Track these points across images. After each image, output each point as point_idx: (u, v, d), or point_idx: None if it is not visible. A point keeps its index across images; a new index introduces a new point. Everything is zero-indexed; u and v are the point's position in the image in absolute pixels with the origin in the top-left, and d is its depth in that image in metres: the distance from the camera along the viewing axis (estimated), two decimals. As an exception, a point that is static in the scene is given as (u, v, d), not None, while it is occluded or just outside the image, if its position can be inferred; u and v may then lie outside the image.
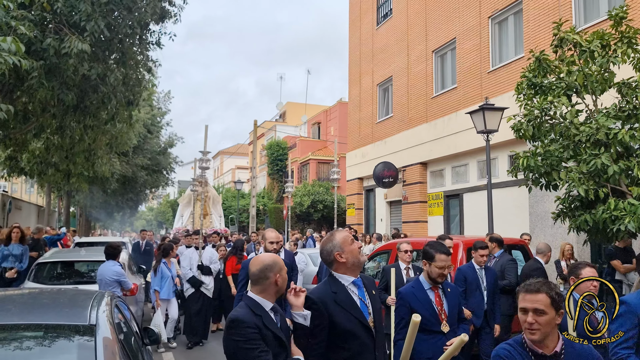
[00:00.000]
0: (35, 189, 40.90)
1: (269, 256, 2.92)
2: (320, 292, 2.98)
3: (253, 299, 2.77)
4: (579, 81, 6.77)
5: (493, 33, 13.83)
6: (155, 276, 8.72)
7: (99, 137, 11.48)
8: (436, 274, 3.95)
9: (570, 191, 6.94)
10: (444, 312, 3.96)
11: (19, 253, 9.43)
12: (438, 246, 4.01)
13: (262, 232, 5.79)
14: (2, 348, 2.79)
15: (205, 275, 9.14)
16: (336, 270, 3.04)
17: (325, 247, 3.07)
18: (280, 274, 2.83)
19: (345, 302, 2.95)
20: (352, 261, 3.02)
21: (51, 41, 7.86)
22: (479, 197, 13.71)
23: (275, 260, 2.86)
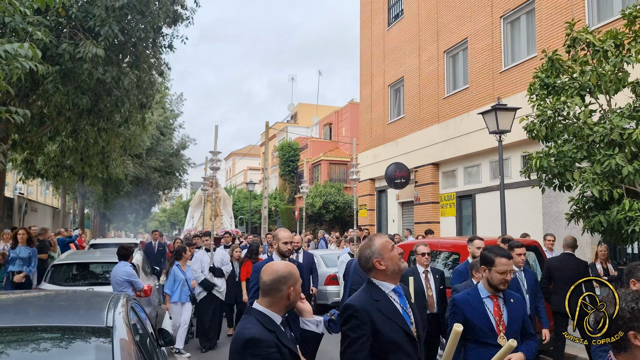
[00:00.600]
0: (50, 191, 41.39)
1: (284, 266, 2.66)
2: (361, 300, 2.76)
3: (263, 313, 2.55)
4: (592, 81, 6.71)
5: (505, 33, 13.75)
6: (168, 279, 8.62)
7: (113, 139, 11.60)
8: (498, 280, 3.54)
9: (584, 192, 6.89)
10: (502, 324, 3.55)
11: (27, 256, 9.16)
12: (497, 249, 3.67)
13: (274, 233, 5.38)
14: (21, 350, 2.85)
15: (217, 277, 8.97)
16: (375, 277, 2.85)
17: (363, 253, 2.87)
18: (294, 287, 2.60)
19: (389, 311, 2.76)
20: (392, 268, 2.84)
21: (66, 46, 7.97)
22: (491, 198, 13.63)
23: (290, 272, 2.62)
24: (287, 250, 5.02)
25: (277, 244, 5.05)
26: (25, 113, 5.75)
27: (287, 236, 5.05)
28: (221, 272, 9.04)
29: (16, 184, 33.55)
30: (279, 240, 5.04)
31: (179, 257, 8.71)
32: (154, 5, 9.10)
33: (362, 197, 21.52)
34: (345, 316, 2.71)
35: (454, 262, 8.16)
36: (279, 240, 5.03)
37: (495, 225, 12.05)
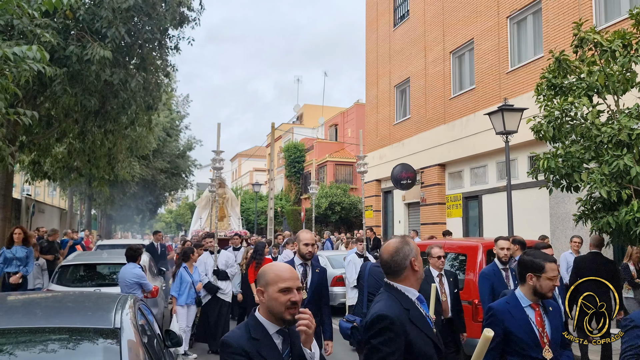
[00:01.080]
0: (57, 193, 41.62)
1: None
2: (395, 310, 2.47)
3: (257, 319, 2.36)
4: (600, 81, 6.68)
5: (512, 33, 13.70)
6: (174, 281, 8.38)
7: (119, 141, 11.65)
8: (548, 287, 3.27)
9: (592, 193, 6.85)
10: (545, 335, 3.28)
11: (23, 256, 8.88)
12: (541, 254, 3.41)
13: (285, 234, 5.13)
14: (29, 351, 2.86)
15: (221, 280, 8.76)
16: (403, 281, 2.58)
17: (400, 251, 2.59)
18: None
19: (420, 322, 2.53)
20: (421, 273, 2.64)
21: (74, 48, 8.02)
22: (498, 199, 13.58)
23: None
24: (308, 253, 4.76)
25: (298, 245, 4.80)
26: (33, 115, 5.79)
27: (308, 238, 4.79)
28: (225, 274, 8.86)
29: (24, 185, 33.75)
30: (300, 242, 4.79)
31: (187, 258, 8.50)
32: (160, 7, 9.13)
33: (368, 198, 21.50)
34: (379, 328, 2.43)
35: (461, 263, 8.13)
36: (300, 242, 4.77)
37: (501, 227, 11.99)
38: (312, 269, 4.86)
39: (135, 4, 8.28)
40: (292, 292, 2.30)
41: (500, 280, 5.72)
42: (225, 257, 9.20)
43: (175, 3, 9.26)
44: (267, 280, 2.35)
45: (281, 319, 2.31)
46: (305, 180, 35.73)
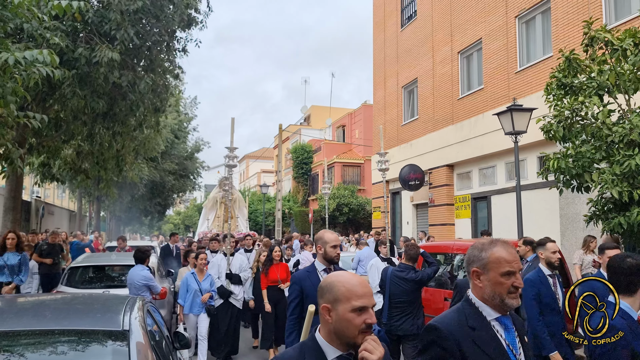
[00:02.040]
0: (66, 194, 41.88)
1: (355, 279, 1.96)
2: (451, 324, 2.11)
3: (316, 342, 1.94)
4: (610, 80, 6.61)
5: (520, 33, 13.62)
6: (181, 288, 7.84)
7: (128, 143, 11.69)
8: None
9: (603, 193, 6.78)
10: None
11: (16, 263, 8.07)
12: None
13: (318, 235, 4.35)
14: (38, 353, 2.86)
15: (234, 284, 8.28)
16: (474, 292, 2.19)
17: (471, 253, 2.24)
18: (336, 308, 1.90)
19: (489, 346, 2.07)
20: (490, 294, 2.13)
21: (82, 50, 8.06)
22: (507, 200, 13.50)
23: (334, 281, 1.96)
24: (336, 256, 4.15)
25: (324, 248, 4.14)
26: (42, 118, 5.81)
27: (335, 239, 4.17)
28: (239, 278, 8.40)
29: (33, 187, 34.02)
30: (325, 244, 4.13)
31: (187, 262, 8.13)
32: (168, 9, 9.16)
33: (376, 199, 21.45)
34: (427, 341, 2.12)
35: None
36: (326, 244, 4.12)
37: (511, 227, 11.91)
38: None
39: (143, 6, 8.31)
40: (367, 312, 1.88)
41: (548, 287, 5.02)
42: (240, 261, 8.73)
43: (182, 5, 9.28)
44: (336, 296, 1.91)
45: (352, 344, 1.87)
46: (312, 182, 35.73)
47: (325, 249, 4.12)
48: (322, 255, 4.16)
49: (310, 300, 3.61)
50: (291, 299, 4.05)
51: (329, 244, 4.12)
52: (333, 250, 4.13)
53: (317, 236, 4.23)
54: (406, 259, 6.39)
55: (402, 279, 6.18)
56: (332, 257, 4.14)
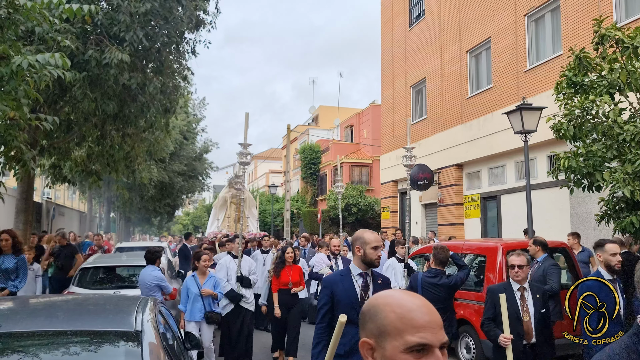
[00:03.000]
0: (77, 196, 42.20)
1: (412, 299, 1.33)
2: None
3: None
4: (622, 79, 6.56)
5: (529, 31, 13.55)
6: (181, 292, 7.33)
7: (138, 144, 11.75)
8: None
9: (614, 192, 6.72)
10: None
11: (11, 267, 7.34)
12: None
13: (357, 235, 3.84)
14: (51, 354, 2.89)
15: (245, 287, 7.81)
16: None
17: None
18: None
19: None
20: None
21: (92, 52, 8.12)
22: (517, 199, 13.43)
23: None
24: (377, 259, 3.68)
25: (363, 249, 3.65)
26: (54, 120, 5.87)
27: (376, 239, 3.70)
28: (249, 282, 7.93)
29: (44, 189, 34.30)
30: (365, 245, 3.65)
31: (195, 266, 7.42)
32: (177, 10, 9.20)
33: (385, 199, 21.42)
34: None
35: (479, 265, 8.05)
36: (367, 245, 3.64)
37: (521, 227, 11.86)
38: (373, 280, 3.73)
39: (152, 8, 8.36)
40: (432, 355, 1.23)
41: (607, 293, 4.39)
42: (249, 263, 8.23)
43: (191, 7, 9.32)
44: (382, 327, 1.28)
45: None
46: (321, 182, 35.74)
47: (365, 251, 3.66)
48: (361, 258, 3.70)
49: (342, 308, 3.50)
50: (320, 305, 3.70)
51: (369, 244, 3.66)
52: (374, 252, 3.66)
53: (356, 236, 3.79)
54: (436, 263, 5.97)
55: (434, 285, 5.79)
56: (373, 260, 3.68)
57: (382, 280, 3.80)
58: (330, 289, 3.68)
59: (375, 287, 3.67)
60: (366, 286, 3.66)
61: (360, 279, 3.68)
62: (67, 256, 10.26)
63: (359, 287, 3.64)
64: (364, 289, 3.65)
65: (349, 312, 2.38)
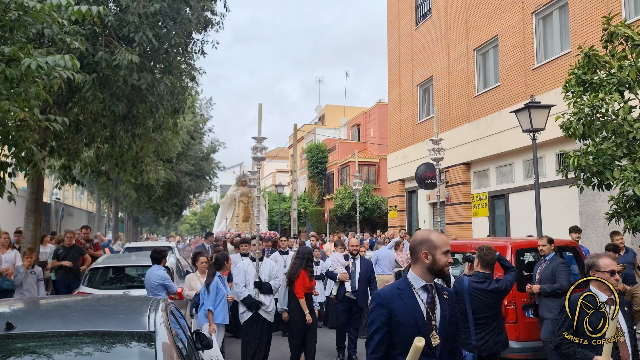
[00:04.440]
0: (85, 196, 42.42)
1: None
2: None
3: None
4: (631, 76, 6.53)
5: (537, 29, 13.48)
6: (209, 293, 6.81)
7: (146, 145, 11.80)
8: None
9: (624, 191, 6.69)
10: None
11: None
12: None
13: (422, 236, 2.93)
14: (65, 354, 2.91)
15: (264, 294, 7.20)
16: None
17: None
18: None
19: None
20: None
21: (102, 54, 8.16)
22: (525, 197, 13.38)
23: None
24: (448, 267, 2.91)
25: (431, 255, 2.84)
26: (63, 121, 5.91)
27: (446, 242, 2.90)
28: (269, 287, 7.28)
29: (53, 189, 34.53)
30: (434, 249, 2.84)
31: (220, 267, 7.13)
32: (185, 11, 9.23)
33: (392, 198, 21.39)
34: None
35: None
36: (436, 249, 2.84)
37: (529, 226, 11.82)
38: (439, 294, 2.92)
39: (161, 9, 8.39)
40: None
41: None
42: (269, 266, 7.56)
43: (199, 7, 9.35)
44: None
45: None
46: (328, 181, 35.74)
47: (435, 257, 2.83)
48: (428, 266, 2.84)
49: (404, 331, 2.71)
50: (373, 329, 2.80)
51: (439, 248, 2.84)
52: (445, 259, 2.84)
53: (420, 238, 2.92)
54: (482, 266, 5.41)
55: (483, 291, 5.26)
56: (444, 269, 2.86)
57: (447, 293, 2.98)
58: (388, 307, 2.80)
59: (443, 306, 2.88)
60: (433, 303, 2.85)
61: (424, 294, 2.86)
62: (73, 258, 9.88)
63: (424, 305, 2.82)
64: (431, 307, 2.83)
65: (412, 334, 2.21)
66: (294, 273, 7.21)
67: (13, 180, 6.53)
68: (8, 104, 5.17)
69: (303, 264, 7.22)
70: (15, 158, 6.05)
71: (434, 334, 2.76)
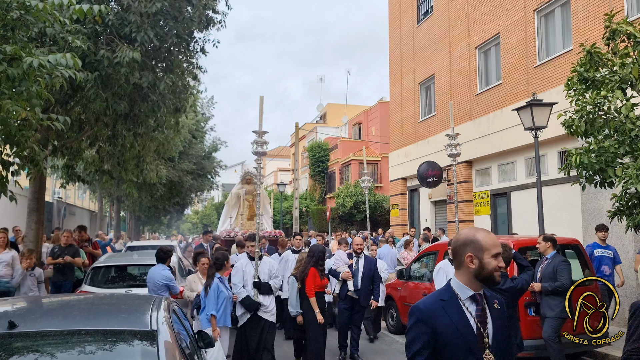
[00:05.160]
0: (87, 195, 42.48)
1: None
2: None
3: None
4: (634, 74, 6.51)
5: (539, 26, 13.45)
6: (207, 295, 6.51)
7: (148, 144, 11.81)
8: None
9: (627, 188, 6.67)
10: None
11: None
12: None
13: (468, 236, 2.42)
14: (67, 353, 2.91)
15: (263, 294, 7.00)
16: None
17: None
18: None
19: None
20: None
21: (104, 52, 8.17)
22: (527, 196, 13.36)
23: None
24: (499, 273, 2.40)
25: (478, 258, 2.37)
26: (65, 120, 5.91)
27: (495, 242, 2.42)
28: (268, 287, 7.07)
29: (55, 188, 34.57)
30: (482, 251, 2.38)
31: (220, 267, 6.81)
32: (186, 10, 9.23)
33: (394, 196, 21.38)
34: None
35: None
36: (484, 251, 2.38)
37: (531, 224, 11.80)
38: (489, 304, 2.47)
39: (162, 8, 8.39)
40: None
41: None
42: (269, 265, 7.36)
43: (201, 5, 9.34)
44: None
45: None
46: (329, 180, 35.75)
47: (483, 261, 2.37)
48: (474, 272, 2.38)
49: (452, 353, 2.31)
50: (414, 351, 2.36)
51: (488, 250, 2.37)
52: (494, 262, 2.36)
53: (464, 239, 2.46)
54: None
55: (498, 290, 4.96)
56: (493, 274, 2.37)
57: (498, 302, 2.51)
58: (430, 324, 2.34)
59: (493, 316, 2.43)
60: (484, 316, 2.40)
61: (473, 306, 2.39)
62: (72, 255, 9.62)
63: (473, 319, 2.37)
64: (481, 321, 2.38)
65: (465, 355, 2.01)
66: (303, 271, 7.06)
67: (16, 179, 6.53)
68: (10, 103, 5.17)
69: (312, 262, 7.08)
70: (18, 157, 6.06)
71: (487, 354, 2.32)
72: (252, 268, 7.12)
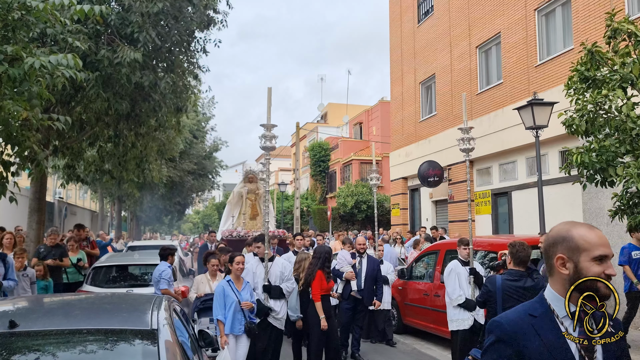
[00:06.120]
0: (88, 195, 42.53)
1: None
2: None
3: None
4: (634, 73, 6.49)
5: (540, 26, 13.44)
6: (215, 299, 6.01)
7: (150, 143, 11.82)
8: None
9: (628, 188, 6.67)
10: None
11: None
12: None
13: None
14: (69, 352, 2.92)
15: (274, 299, 6.50)
16: None
17: None
18: None
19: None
20: None
21: (105, 52, 8.18)
22: (528, 195, 13.35)
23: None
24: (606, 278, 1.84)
25: (574, 261, 1.84)
26: (66, 120, 5.92)
27: (596, 242, 1.85)
28: (279, 291, 6.54)
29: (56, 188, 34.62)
30: (577, 253, 1.84)
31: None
32: (187, 10, 9.24)
33: (395, 196, 21.38)
34: None
35: (491, 262, 8.02)
36: (580, 252, 1.84)
37: (532, 223, 11.79)
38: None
39: (163, 8, 8.40)
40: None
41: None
42: (280, 267, 6.77)
43: (201, 5, 9.35)
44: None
45: None
46: (330, 179, 35.75)
47: (578, 265, 1.82)
48: (568, 278, 1.84)
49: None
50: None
51: (587, 252, 1.81)
52: (596, 268, 1.80)
53: (554, 235, 1.94)
54: (515, 264, 5.06)
55: (520, 289, 4.87)
56: (597, 284, 1.80)
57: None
58: (515, 345, 1.81)
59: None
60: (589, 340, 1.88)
61: (571, 323, 1.85)
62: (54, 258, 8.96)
63: (575, 344, 1.85)
64: (587, 348, 1.87)
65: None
66: (310, 274, 6.65)
67: (16, 180, 6.54)
68: (11, 104, 5.18)
69: (319, 264, 6.66)
70: (19, 157, 6.07)
71: None
72: (263, 270, 6.58)
